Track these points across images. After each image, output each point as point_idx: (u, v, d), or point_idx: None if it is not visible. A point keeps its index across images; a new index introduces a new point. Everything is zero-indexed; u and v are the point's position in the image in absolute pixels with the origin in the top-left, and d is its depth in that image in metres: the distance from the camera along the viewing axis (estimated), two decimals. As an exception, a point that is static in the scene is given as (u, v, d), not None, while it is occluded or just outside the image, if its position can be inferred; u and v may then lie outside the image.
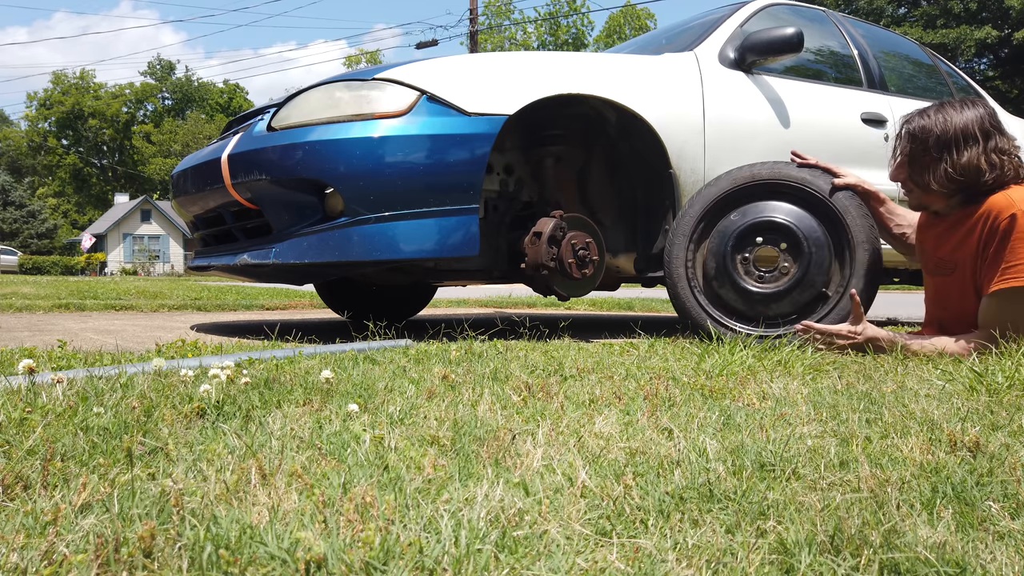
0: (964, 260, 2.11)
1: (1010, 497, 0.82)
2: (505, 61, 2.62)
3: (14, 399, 1.17)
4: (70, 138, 54.83)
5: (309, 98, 2.48)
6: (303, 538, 0.62)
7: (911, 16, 25.83)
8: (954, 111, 2.09)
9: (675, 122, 2.79)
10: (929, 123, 2.10)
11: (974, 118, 2.06)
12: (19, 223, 41.68)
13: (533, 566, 0.62)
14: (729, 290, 2.47)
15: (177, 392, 1.26)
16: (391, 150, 2.32)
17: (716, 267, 2.48)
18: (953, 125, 2.06)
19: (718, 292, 2.49)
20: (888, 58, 3.92)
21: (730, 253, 2.47)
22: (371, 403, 1.25)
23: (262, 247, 2.48)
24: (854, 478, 0.87)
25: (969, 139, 2.05)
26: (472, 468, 0.89)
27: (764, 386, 1.49)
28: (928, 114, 2.13)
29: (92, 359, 1.73)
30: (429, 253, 2.38)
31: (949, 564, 0.65)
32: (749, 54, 3.02)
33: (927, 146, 2.10)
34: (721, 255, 2.48)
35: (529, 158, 2.92)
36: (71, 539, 0.64)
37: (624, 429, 1.09)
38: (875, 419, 1.19)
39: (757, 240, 2.46)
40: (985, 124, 2.06)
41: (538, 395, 1.35)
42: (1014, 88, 25.18)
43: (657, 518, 0.75)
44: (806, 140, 3.18)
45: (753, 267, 2.45)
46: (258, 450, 0.94)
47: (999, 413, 1.24)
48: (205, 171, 2.65)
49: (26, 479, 0.81)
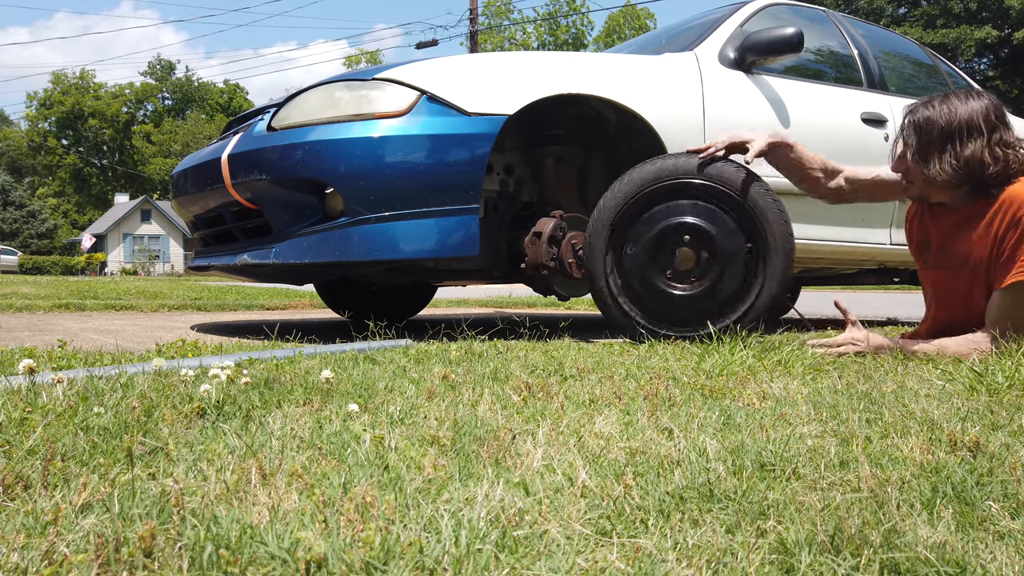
0: (979, 254, 2.06)
1: (1010, 497, 0.82)
2: (505, 61, 2.62)
3: (14, 399, 1.17)
4: (70, 138, 54.83)
5: (309, 98, 2.48)
6: (303, 538, 0.62)
7: (911, 16, 25.83)
8: (959, 102, 2.05)
9: (675, 122, 2.79)
10: (934, 114, 2.06)
11: (979, 109, 2.02)
12: (19, 223, 41.69)
13: (533, 566, 0.62)
14: (648, 291, 2.41)
15: (177, 392, 1.26)
16: (391, 150, 2.32)
17: (636, 268, 2.41)
18: (958, 116, 2.02)
19: (638, 293, 2.43)
20: (888, 58, 3.92)
21: (649, 254, 2.40)
22: (371, 403, 1.25)
23: (262, 247, 2.49)
24: (854, 478, 0.87)
25: (974, 131, 2.01)
26: (472, 468, 0.89)
27: (764, 386, 1.49)
28: (933, 104, 2.08)
29: (92, 359, 1.73)
30: (429, 253, 2.38)
31: (949, 564, 0.65)
32: (749, 54, 3.02)
33: (931, 137, 2.06)
34: (638, 258, 2.41)
35: (529, 158, 2.92)
36: (71, 539, 0.64)
37: (624, 429, 1.09)
38: (875, 419, 1.19)
39: (679, 240, 2.39)
40: (990, 116, 2.03)
41: (538, 395, 1.35)
42: (1014, 88, 25.18)
43: (657, 518, 0.75)
44: (806, 139, 3.17)
45: (673, 268, 2.40)
46: (258, 450, 0.94)
47: (999, 413, 1.24)
48: (205, 171, 2.65)
49: (26, 479, 0.81)
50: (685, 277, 2.40)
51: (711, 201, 2.39)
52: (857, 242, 3.41)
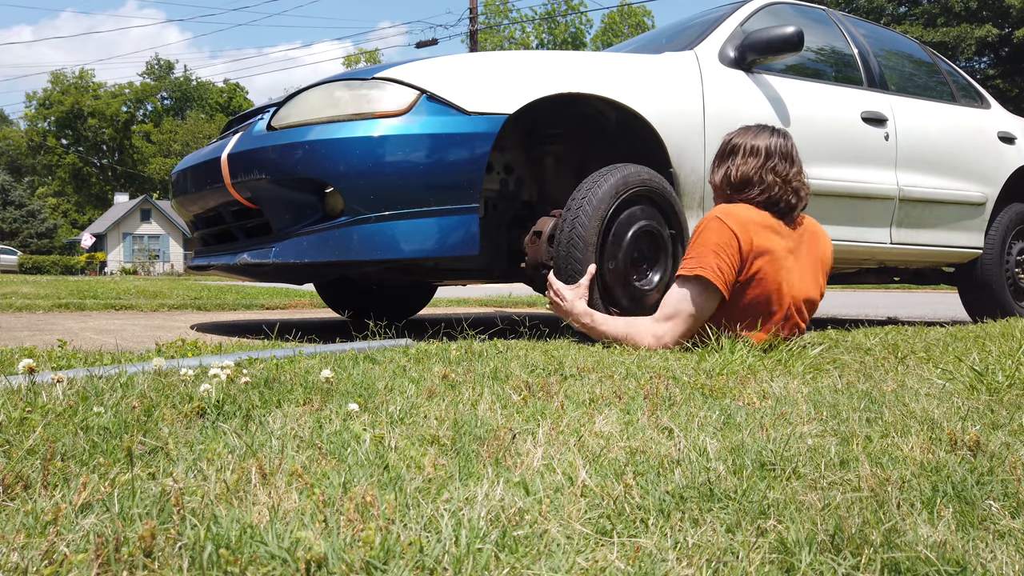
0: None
1: (1010, 496, 0.82)
2: (505, 60, 2.62)
3: (14, 399, 1.17)
4: (70, 138, 54.79)
5: (309, 97, 2.48)
6: (303, 537, 0.62)
7: (911, 15, 25.82)
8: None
9: (675, 121, 2.79)
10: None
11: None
12: (19, 223, 41.70)
13: (533, 565, 0.62)
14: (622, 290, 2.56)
15: (177, 392, 1.26)
16: (391, 149, 2.32)
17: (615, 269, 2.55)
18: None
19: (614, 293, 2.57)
20: (888, 57, 3.92)
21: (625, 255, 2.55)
22: (371, 402, 1.25)
23: (262, 246, 2.48)
24: (854, 477, 0.87)
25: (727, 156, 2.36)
26: (472, 467, 0.89)
27: (764, 385, 1.49)
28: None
29: (92, 359, 1.73)
30: (429, 252, 2.38)
31: (949, 563, 0.65)
32: (749, 53, 3.01)
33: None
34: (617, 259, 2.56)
35: (529, 157, 2.92)
36: (71, 539, 0.64)
37: (624, 428, 1.09)
38: (875, 418, 1.19)
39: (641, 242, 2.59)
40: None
41: (538, 394, 1.35)
42: (1014, 87, 25.17)
43: (657, 517, 0.75)
44: (806, 139, 3.18)
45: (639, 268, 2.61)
46: (258, 449, 0.94)
47: (999, 412, 1.24)
48: (205, 170, 2.64)
49: (26, 479, 0.81)
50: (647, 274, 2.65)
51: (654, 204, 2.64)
52: (857, 241, 3.41)
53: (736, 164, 2.25)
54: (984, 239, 3.92)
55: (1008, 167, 4.00)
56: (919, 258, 3.76)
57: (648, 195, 2.61)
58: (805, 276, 2.21)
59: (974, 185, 3.83)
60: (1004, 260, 3.98)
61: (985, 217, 3.89)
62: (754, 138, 2.26)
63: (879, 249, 3.52)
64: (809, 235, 2.27)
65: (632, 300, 2.57)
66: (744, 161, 2.23)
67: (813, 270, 2.25)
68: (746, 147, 2.25)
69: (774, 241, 2.14)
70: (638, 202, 2.59)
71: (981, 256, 3.92)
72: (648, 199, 2.62)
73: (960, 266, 4.02)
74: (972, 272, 3.98)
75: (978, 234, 3.88)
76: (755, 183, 2.21)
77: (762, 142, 2.24)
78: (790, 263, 2.16)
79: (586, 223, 2.44)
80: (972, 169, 3.83)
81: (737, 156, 2.26)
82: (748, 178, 2.22)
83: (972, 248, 3.87)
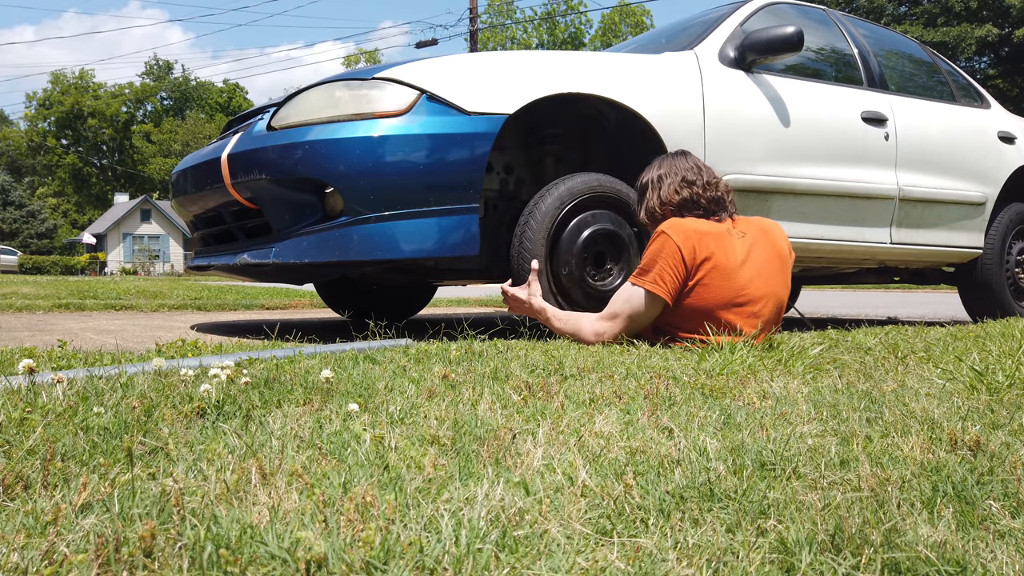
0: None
1: (1010, 496, 0.82)
2: (505, 60, 2.62)
3: (14, 399, 1.17)
4: (70, 138, 54.79)
5: (309, 97, 2.48)
6: (303, 538, 0.62)
7: (912, 14, 25.81)
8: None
9: (675, 121, 2.79)
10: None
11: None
12: (19, 223, 41.71)
13: (533, 565, 0.62)
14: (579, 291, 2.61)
15: (177, 392, 1.26)
16: (391, 149, 2.32)
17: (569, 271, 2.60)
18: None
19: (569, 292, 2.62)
20: (888, 57, 3.92)
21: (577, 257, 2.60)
22: (371, 403, 1.25)
23: (262, 246, 2.48)
24: (855, 477, 0.87)
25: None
26: (472, 467, 0.89)
27: (764, 385, 1.49)
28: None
29: (92, 359, 1.73)
30: (429, 252, 2.38)
31: (950, 563, 0.65)
32: (749, 53, 3.01)
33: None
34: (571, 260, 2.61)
35: (529, 157, 2.92)
36: (71, 539, 0.64)
37: (624, 428, 1.09)
38: (875, 418, 1.19)
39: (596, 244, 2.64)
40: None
41: (538, 394, 1.35)
42: (1014, 87, 25.17)
43: (657, 517, 0.75)
44: (806, 139, 3.18)
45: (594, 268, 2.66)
46: (258, 450, 0.94)
47: (999, 412, 1.24)
48: (205, 171, 2.65)
49: (26, 479, 0.81)
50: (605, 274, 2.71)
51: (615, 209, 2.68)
52: (857, 241, 3.40)
53: (652, 196, 2.36)
54: (984, 239, 3.92)
55: (1008, 167, 4.00)
56: (919, 258, 3.76)
57: (602, 200, 2.63)
58: (763, 275, 2.23)
59: (974, 185, 3.83)
60: (1004, 260, 3.98)
61: (985, 217, 3.89)
62: (657, 168, 2.38)
63: (879, 249, 3.52)
64: (760, 234, 2.30)
65: (591, 299, 2.59)
66: (654, 192, 2.35)
67: (770, 268, 2.26)
68: (652, 179, 2.37)
69: (719, 247, 2.19)
70: (590, 207, 2.61)
71: (981, 256, 3.92)
72: (606, 203, 2.64)
73: (960, 266, 4.02)
74: (972, 272, 3.98)
75: (978, 234, 3.88)
76: (677, 203, 2.31)
77: (664, 167, 2.36)
78: (737, 264, 2.20)
79: (532, 236, 2.51)
80: (972, 169, 3.83)
81: (648, 190, 2.38)
82: (669, 200, 2.31)
83: (972, 248, 3.87)
